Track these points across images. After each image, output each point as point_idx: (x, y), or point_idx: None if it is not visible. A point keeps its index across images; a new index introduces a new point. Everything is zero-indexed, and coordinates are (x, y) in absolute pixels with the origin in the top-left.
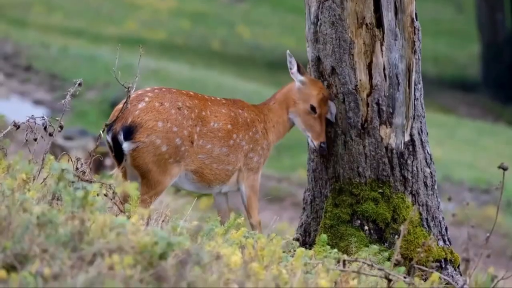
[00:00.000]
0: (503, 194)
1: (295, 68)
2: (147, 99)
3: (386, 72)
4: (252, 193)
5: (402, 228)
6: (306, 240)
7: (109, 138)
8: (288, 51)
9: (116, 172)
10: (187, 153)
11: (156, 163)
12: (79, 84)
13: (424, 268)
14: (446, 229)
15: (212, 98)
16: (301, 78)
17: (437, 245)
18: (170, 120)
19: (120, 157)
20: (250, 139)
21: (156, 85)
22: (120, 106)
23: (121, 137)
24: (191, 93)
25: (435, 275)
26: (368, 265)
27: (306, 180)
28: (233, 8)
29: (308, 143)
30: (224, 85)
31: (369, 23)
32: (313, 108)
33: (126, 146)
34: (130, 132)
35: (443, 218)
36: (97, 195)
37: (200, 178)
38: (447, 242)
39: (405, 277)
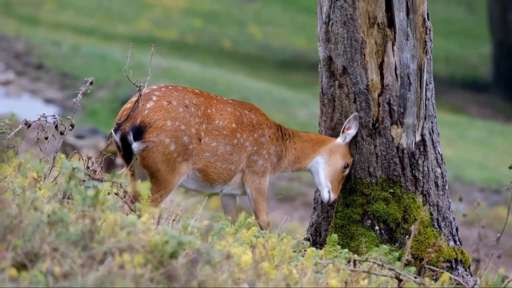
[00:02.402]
0: None
1: (354, 131)
2: (154, 98)
3: (398, 72)
4: (259, 196)
5: (413, 228)
6: (317, 240)
7: (117, 138)
8: (354, 116)
9: (125, 171)
10: (195, 151)
11: (165, 163)
12: (90, 83)
13: (434, 268)
14: (456, 229)
15: (219, 97)
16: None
17: (448, 245)
18: (178, 118)
19: (128, 157)
20: (255, 141)
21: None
22: (128, 105)
23: (130, 137)
24: (197, 90)
25: (446, 275)
26: (379, 265)
27: None
28: (244, 8)
29: (321, 193)
30: (235, 84)
31: (381, 22)
32: (346, 167)
33: (135, 146)
34: (139, 132)
35: (453, 218)
36: (108, 194)
37: (205, 177)
38: (458, 242)
39: (415, 277)
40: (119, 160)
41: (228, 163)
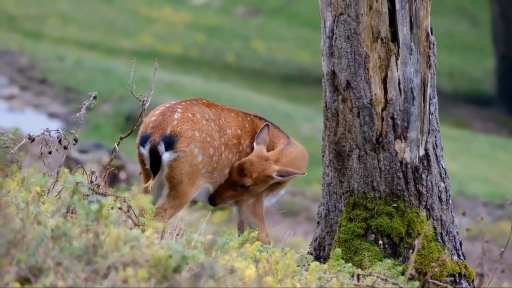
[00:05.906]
0: None
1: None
2: (180, 110)
3: (401, 87)
4: (256, 219)
5: (417, 243)
6: (320, 254)
7: (145, 151)
8: None
9: (151, 184)
10: (216, 165)
11: (189, 175)
12: (94, 97)
13: (438, 282)
14: (460, 243)
15: (219, 104)
16: None
17: (452, 259)
18: (204, 130)
19: (156, 169)
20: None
21: (170, 99)
22: (152, 118)
23: (161, 147)
24: (204, 100)
25: None
26: (382, 279)
27: (321, 194)
28: (248, 22)
29: None
30: (239, 98)
31: (384, 37)
32: None
33: (167, 156)
34: (171, 142)
35: (457, 232)
36: (112, 208)
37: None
38: (462, 257)
39: None
40: (122, 175)
41: None
